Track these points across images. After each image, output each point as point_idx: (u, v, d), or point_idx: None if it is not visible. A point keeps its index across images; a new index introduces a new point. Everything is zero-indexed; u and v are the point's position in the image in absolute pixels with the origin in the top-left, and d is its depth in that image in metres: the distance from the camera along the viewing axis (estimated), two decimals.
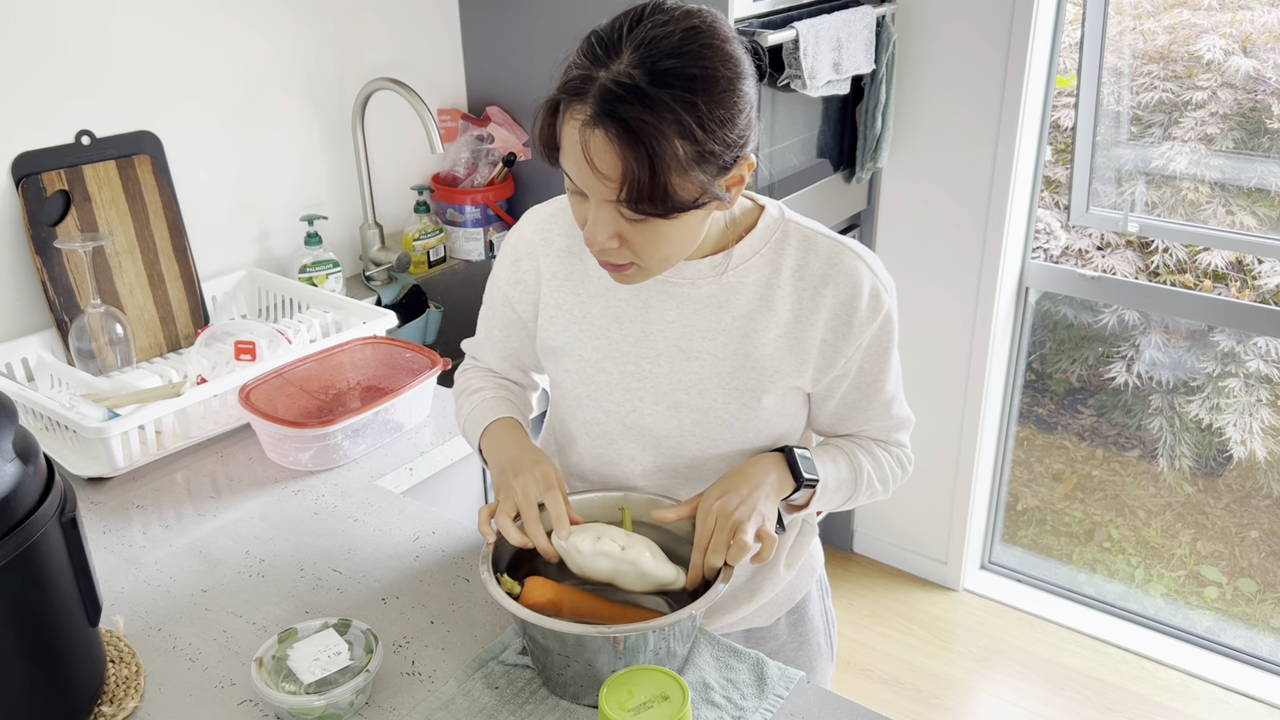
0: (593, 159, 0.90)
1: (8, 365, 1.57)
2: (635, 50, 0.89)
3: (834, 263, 1.07)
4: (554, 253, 1.14)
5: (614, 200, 0.92)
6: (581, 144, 0.90)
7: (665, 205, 0.91)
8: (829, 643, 1.36)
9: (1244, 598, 2.69)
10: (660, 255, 0.99)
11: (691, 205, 0.93)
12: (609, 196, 0.92)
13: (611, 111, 0.88)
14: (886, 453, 1.18)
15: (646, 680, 0.90)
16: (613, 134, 0.88)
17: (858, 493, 1.15)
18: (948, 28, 2.38)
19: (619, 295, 1.11)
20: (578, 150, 0.91)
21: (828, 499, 1.13)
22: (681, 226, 0.96)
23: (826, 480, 1.10)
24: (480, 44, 2.21)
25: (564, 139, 0.93)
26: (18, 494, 0.88)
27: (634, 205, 0.91)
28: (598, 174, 0.91)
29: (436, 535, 1.29)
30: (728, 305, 1.08)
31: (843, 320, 1.07)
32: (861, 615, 2.81)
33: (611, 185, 0.91)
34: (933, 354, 2.70)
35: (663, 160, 0.88)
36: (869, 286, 1.07)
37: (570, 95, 0.91)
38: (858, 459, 1.15)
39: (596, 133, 0.89)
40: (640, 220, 0.94)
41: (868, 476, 1.15)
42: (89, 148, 1.65)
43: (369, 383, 1.60)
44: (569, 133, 0.92)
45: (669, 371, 1.10)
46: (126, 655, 1.08)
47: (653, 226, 0.95)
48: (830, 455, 1.13)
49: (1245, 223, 2.47)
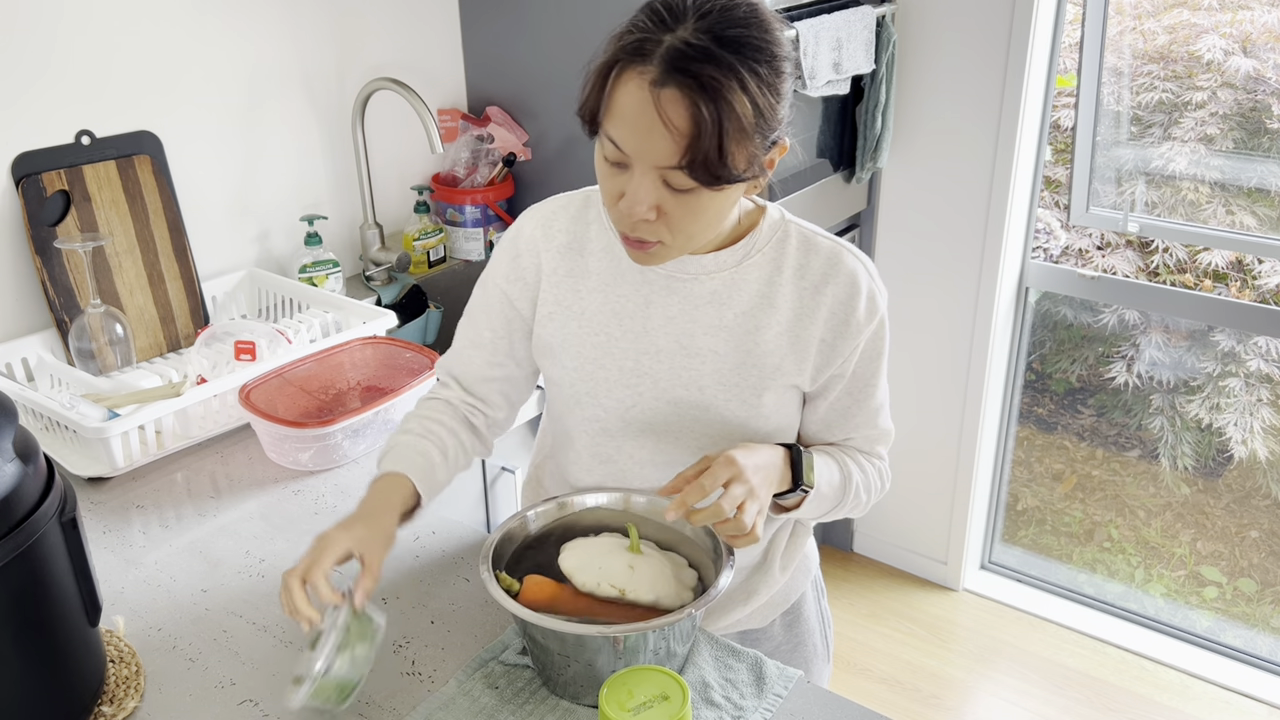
0: (660, 117, 0.90)
1: (8, 365, 1.57)
2: (701, 18, 0.91)
3: (834, 263, 1.08)
4: (555, 248, 1.13)
5: (670, 165, 0.92)
6: (647, 102, 0.90)
7: (721, 171, 0.92)
8: (825, 643, 1.36)
9: (1244, 598, 2.69)
10: (691, 232, 0.99)
11: (739, 177, 0.94)
12: (665, 160, 0.92)
13: (683, 69, 0.89)
14: (870, 464, 1.17)
15: (646, 680, 0.90)
16: (684, 91, 0.89)
17: (843, 503, 1.14)
18: (948, 28, 2.38)
19: (619, 291, 1.11)
20: (639, 110, 0.91)
21: (815, 506, 1.11)
22: (718, 203, 0.98)
23: (820, 486, 1.09)
24: (480, 44, 2.21)
25: (619, 101, 0.93)
26: (18, 494, 0.88)
27: (692, 168, 0.92)
28: (661, 134, 0.91)
29: (436, 535, 1.29)
30: (730, 302, 1.09)
31: (841, 320, 1.08)
32: (861, 615, 2.81)
33: (672, 147, 0.91)
34: (933, 354, 2.70)
35: (729, 121, 0.90)
36: (866, 289, 1.09)
37: (632, 56, 0.92)
38: (848, 467, 1.14)
39: (666, 91, 0.90)
40: (685, 191, 0.95)
41: (855, 487, 1.14)
42: (89, 148, 1.65)
43: (369, 383, 1.60)
44: (628, 93, 0.92)
45: (669, 368, 1.10)
46: (126, 655, 1.08)
47: (695, 198, 0.96)
48: (824, 461, 1.12)
49: (1245, 223, 2.47)
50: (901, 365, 2.76)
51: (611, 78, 0.94)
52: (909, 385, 2.77)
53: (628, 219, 0.97)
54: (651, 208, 0.96)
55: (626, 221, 0.98)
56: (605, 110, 0.95)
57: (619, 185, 0.97)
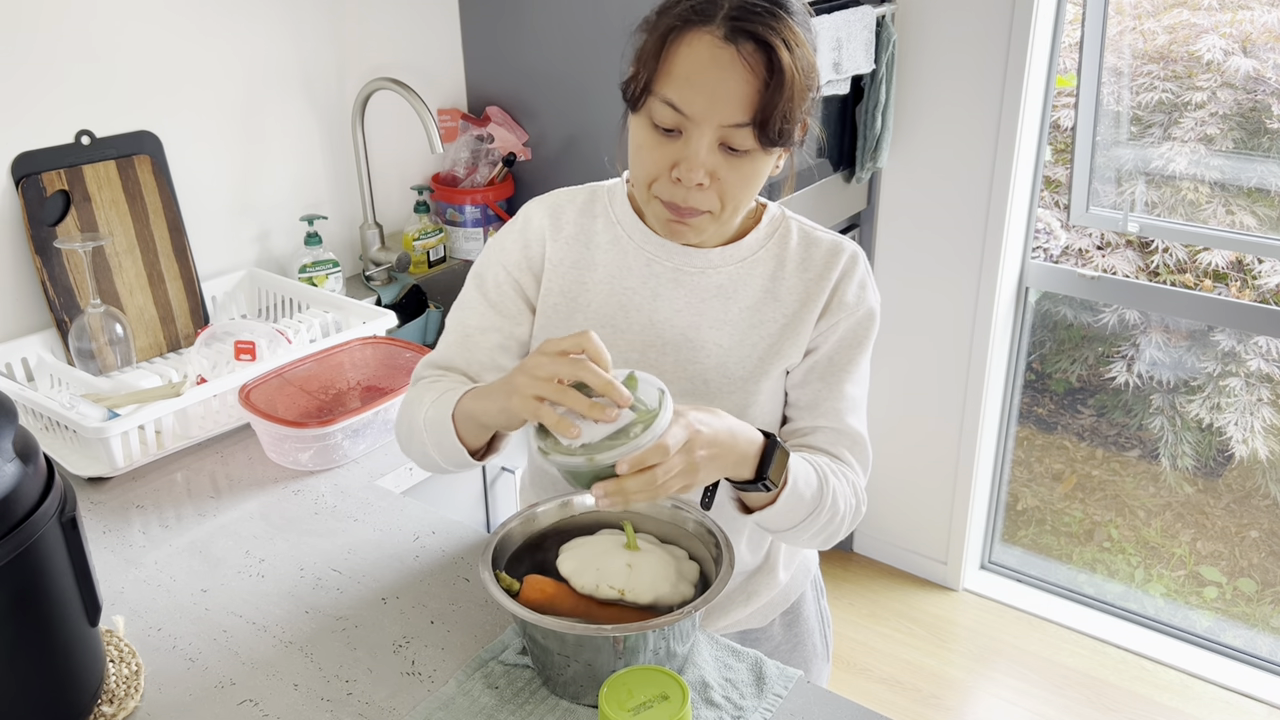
0: (734, 72, 0.92)
1: (8, 365, 1.57)
2: None
3: (834, 251, 1.11)
4: (562, 239, 1.14)
5: (737, 122, 0.94)
6: (719, 59, 0.93)
7: (785, 127, 0.95)
8: (824, 643, 1.36)
9: (1244, 598, 2.69)
10: (739, 201, 1.01)
11: (792, 138, 0.98)
12: (733, 118, 0.94)
13: (752, 25, 0.92)
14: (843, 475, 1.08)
15: (646, 680, 0.90)
16: (756, 46, 0.92)
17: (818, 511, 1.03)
18: (948, 28, 2.38)
19: (625, 284, 1.12)
20: (708, 66, 0.93)
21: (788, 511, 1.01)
22: (763, 169, 1.00)
23: (798, 485, 1.00)
24: (480, 44, 2.21)
25: (682, 61, 0.94)
26: (18, 494, 0.88)
27: (760, 126, 0.94)
28: (732, 89, 0.93)
29: (436, 535, 1.29)
30: (735, 296, 1.10)
31: (833, 301, 1.10)
32: (861, 615, 2.81)
33: (742, 103, 0.93)
34: (933, 354, 2.70)
35: (797, 76, 0.93)
36: (860, 276, 1.11)
37: (697, 16, 0.94)
38: (824, 472, 1.04)
39: (738, 46, 0.92)
40: (741, 154, 0.97)
41: (832, 495, 1.04)
42: (89, 148, 1.65)
43: (369, 383, 1.60)
44: (695, 52, 0.94)
45: (674, 360, 1.10)
46: (126, 655, 1.08)
47: (749, 163, 0.98)
48: (801, 463, 1.02)
49: (1245, 223, 2.47)
50: (902, 365, 2.76)
51: (671, 40, 0.95)
52: (909, 385, 2.77)
53: (682, 187, 0.98)
54: (708, 172, 0.97)
55: (679, 190, 0.99)
56: (663, 74, 0.96)
57: (670, 154, 0.98)
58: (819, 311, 1.10)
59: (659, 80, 0.96)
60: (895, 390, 2.78)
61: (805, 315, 1.10)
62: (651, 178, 1.01)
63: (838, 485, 1.06)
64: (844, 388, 1.11)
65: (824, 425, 1.11)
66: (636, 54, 0.99)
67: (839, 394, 1.11)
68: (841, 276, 1.10)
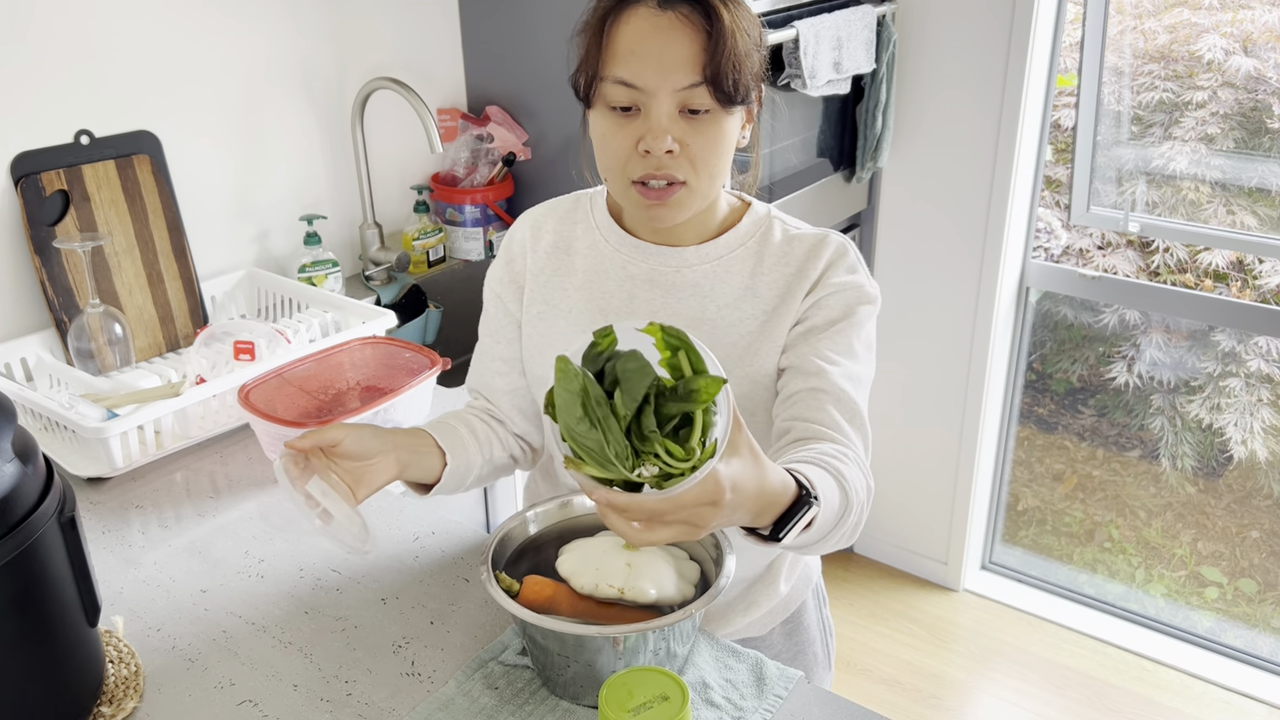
0: (676, 34, 0.95)
1: (7, 365, 1.57)
2: None
3: (818, 244, 1.09)
4: (541, 249, 1.16)
5: (690, 83, 0.95)
6: (659, 26, 0.95)
7: (738, 79, 0.96)
8: (826, 652, 1.35)
9: (1244, 598, 2.69)
10: (712, 168, 1.01)
11: (748, 95, 0.99)
12: (685, 79, 0.95)
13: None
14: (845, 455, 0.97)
15: (646, 680, 0.90)
16: (694, 7, 0.95)
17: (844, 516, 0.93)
18: (948, 28, 2.37)
19: (603, 288, 1.12)
20: (650, 35, 0.95)
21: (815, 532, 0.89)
22: (731, 130, 1.01)
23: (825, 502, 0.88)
24: (480, 44, 2.20)
25: (624, 39, 0.96)
26: (17, 494, 0.87)
27: (713, 81, 0.95)
28: (678, 51, 0.95)
29: (436, 535, 1.29)
30: (712, 294, 1.10)
31: (820, 282, 1.07)
32: (861, 615, 2.81)
33: (691, 61, 0.95)
34: (933, 354, 2.70)
35: (740, 26, 0.96)
36: (849, 263, 1.08)
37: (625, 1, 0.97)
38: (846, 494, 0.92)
39: (675, 10, 0.95)
40: (702, 115, 0.98)
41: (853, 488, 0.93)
42: (88, 147, 1.65)
43: (369, 383, 1.60)
44: (633, 27, 0.96)
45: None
46: (126, 655, 1.07)
47: (713, 124, 0.98)
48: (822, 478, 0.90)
49: (1246, 222, 2.47)
50: (902, 365, 2.75)
51: (609, 24, 0.97)
52: (909, 385, 2.77)
53: (653, 158, 0.99)
54: (675, 139, 0.98)
55: (650, 162, 0.99)
56: (608, 57, 0.98)
57: (633, 132, 0.99)
58: (803, 294, 1.07)
59: (605, 63, 0.98)
60: (896, 390, 2.78)
61: (785, 309, 1.08)
62: (621, 160, 1.01)
63: (854, 477, 0.95)
64: (826, 352, 1.03)
65: (816, 387, 1.02)
66: (580, 48, 1.01)
67: (823, 357, 1.03)
68: (829, 264, 1.07)
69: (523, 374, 1.20)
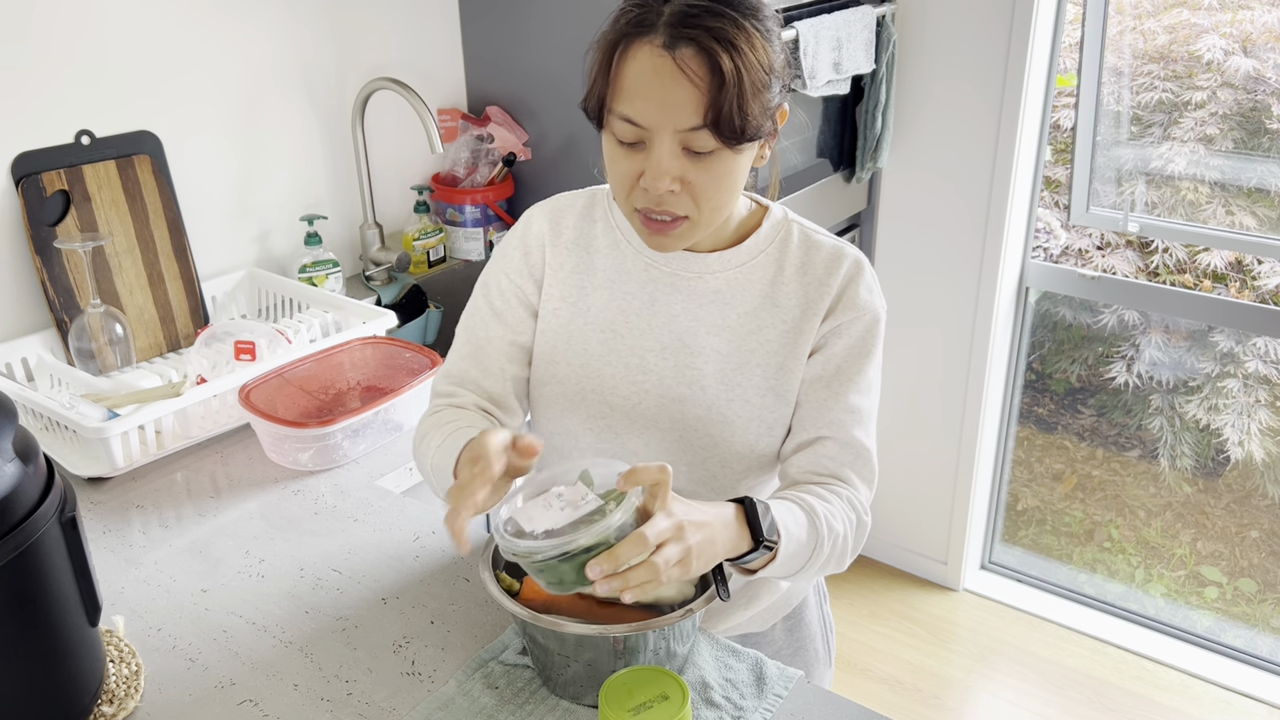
0: (679, 78, 0.92)
1: (8, 365, 1.57)
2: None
3: (836, 257, 1.10)
4: (562, 244, 1.14)
5: (692, 126, 0.93)
6: (663, 67, 0.92)
7: (743, 124, 0.94)
8: (826, 648, 1.36)
9: (1244, 598, 2.69)
10: (716, 202, 1.00)
11: (758, 132, 0.96)
12: (687, 122, 0.93)
13: (693, 27, 0.92)
14: (834, 495, 1.05)
15: (646, 680, 0.90)
16: (700, 46, 0.92)
17: (819, 548, 1.00)
18: (948, 28, 2.38)
19: (625, 289, 1.12)
20: (654, 76, 0.93)
21: (788, 559, 0.97)
22: (738, 167, 0.99)
23: (791, 529, 0.96)
24: (480, 44, 2.21)
25: (630, 75, 0.95)
26: (18, 494, 0.87)
27: (715, 126, 0.93)
28: (681, 95, 0.92)
29: (436, 535, 1.29)
30: (734, 302, 1.09)
31: (841, 302, 1.08)
32: (861, 615, 2.81)
33: (694, 105, 0.93)
34: (933, 354, 2.70)
35: (746, 71, 0.92)
36: (867, 281, 1.10)
37: (636, 28, 0.94)
38: (808, 503, 1.01)
39: (681, 51, 0.92)
40: (706, 155, 0.96)
41: (824, 523, 1.00)
42: (89, 148, 1.65)
43: (369, 383, 1.60)
44: (639, 64, 0.94)
45: (673, 365, 1.10)
46: (126, 655, 1.08)
47: (717, 162, 0.97)
48: (784, 507, 0.99)
49: (1245, 223, 2.47)
50: (902, 365, 2.76)
51: (617, 56, 0.95)
52: (909, 385, 2.77)
53: (652, 194, 0.98)
54: (675, 178, 0.97)
55: (650, 197, 0.98)
56: (614, 90, 0.96)
57: (635, 166, 0.98)
58: (823, 314, 1.08)
59: (612, 97, 0.97)
60: (896, 390, 2.78)
61: (807, 323, 1.08)
62: (626, 189, 1.01)
63: (827, 510, 1.01)
64: (850, 399, 1.08)
65: (828, 436, 1.07)
66: (590, 72, 1.00)
67: (845, 405, 1.08)
68: (848, 280, 1.08)
69: (528, 365, 1.17)
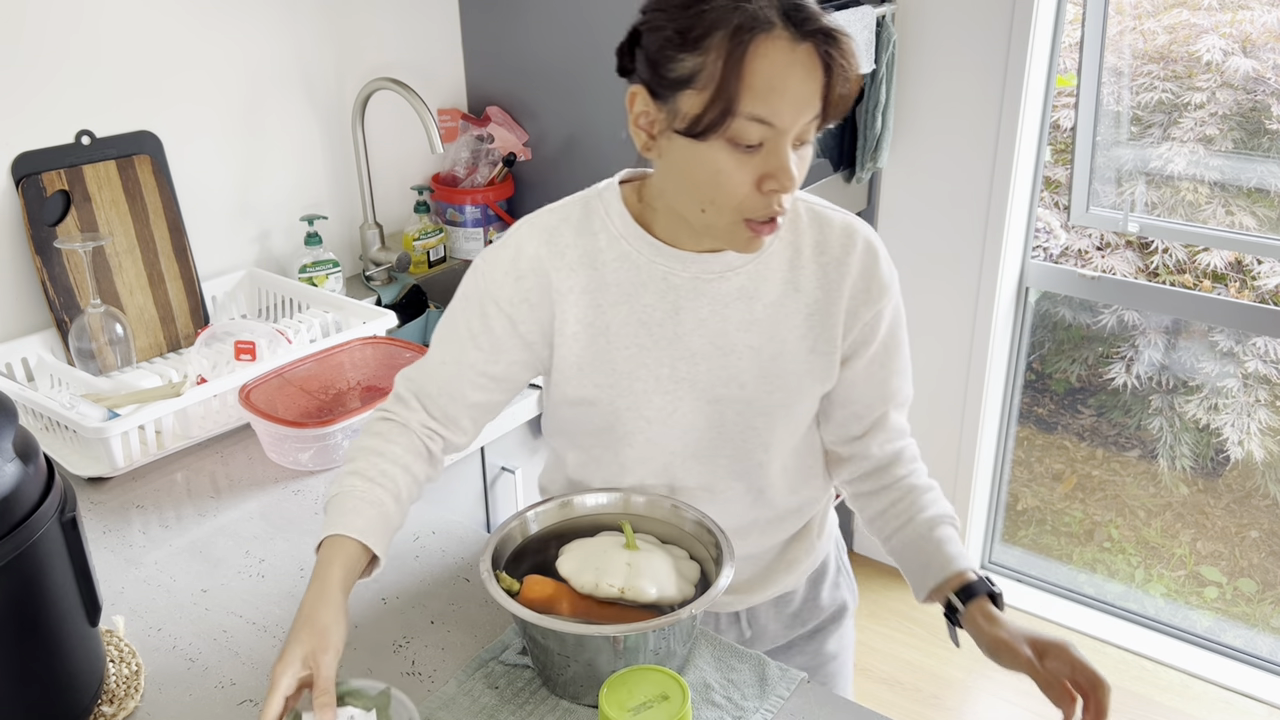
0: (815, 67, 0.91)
1: (8, 365, 1.57)
2: None
3: (849, 233, 1.10)
4: (566, 265, 1.06)
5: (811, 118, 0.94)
6: (797, 62, 0.91)
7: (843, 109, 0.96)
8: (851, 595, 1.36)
9: (1244, 598, 2.69)
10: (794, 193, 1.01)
11: None
12: (812, 113, 0.93)
13: (816, 22, 0.91)
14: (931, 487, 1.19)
15: (646, 680, 0.90)
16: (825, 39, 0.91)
17: None
18: (948, 28, 2.38)
19: (644, 301, 1.07)
20: (788, 75, 0.91)
21: None
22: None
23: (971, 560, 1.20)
24: (480, 44, 2.21)
25: (760, 74, 0.90)
26: (18, 494, 0.87)
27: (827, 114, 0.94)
28: (812, 87, 0.92)
29: (436, 535, 1.29)
30: (758, 295, 1.08)
31: (865, 285, 1.09)
32: (861, 615, 2.81)
33: (816, 98, 0.93)
34: (933, 354, 2.70)
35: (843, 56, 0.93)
36: (884, 252, 1.11)
37: (756, 24, 0.90)
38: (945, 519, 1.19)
39: (813, 43, 0.91)
40: (802, 147, 0.97)
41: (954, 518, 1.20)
42: (89, 148, 1.65)
43: (369, 383, 1.60)
44: (771, 62, 0.90)
45: (707, 369, 1.08)
46: (126, 655, 1.08)
47: (807, 152, 0.98)
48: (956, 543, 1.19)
49: (1245, 223, 2.47)
50: None
51: (745, 55, 0.90)
52: None
53: (776, 199, 0.96)
54: None
55: (771, 201, 0.96)
56: (743, 91, 0.90)
57: (754, 169, 0.94)
58: (846, 294, 1.08)
59: (741, 98, 0.90)
60: None
61: (831, 304, 1.08)
62: (739, 199, 0.96)
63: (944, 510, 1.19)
64: (897, 364, 1.15)
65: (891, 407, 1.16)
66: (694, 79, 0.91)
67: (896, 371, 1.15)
68: (869, 261, 1.09)
69: (504, 392, 1.13)
